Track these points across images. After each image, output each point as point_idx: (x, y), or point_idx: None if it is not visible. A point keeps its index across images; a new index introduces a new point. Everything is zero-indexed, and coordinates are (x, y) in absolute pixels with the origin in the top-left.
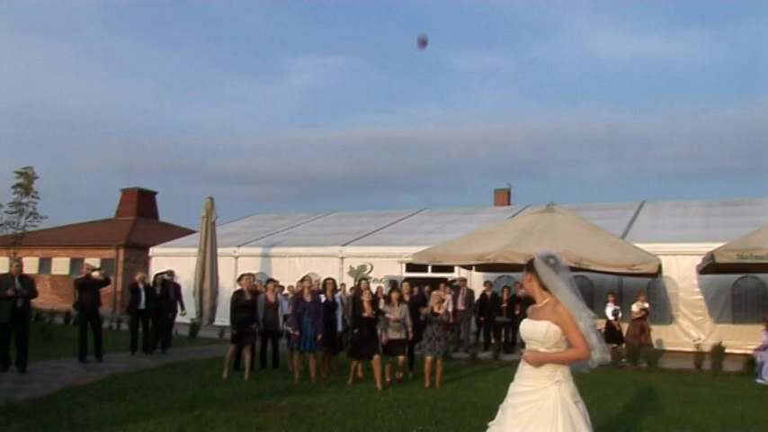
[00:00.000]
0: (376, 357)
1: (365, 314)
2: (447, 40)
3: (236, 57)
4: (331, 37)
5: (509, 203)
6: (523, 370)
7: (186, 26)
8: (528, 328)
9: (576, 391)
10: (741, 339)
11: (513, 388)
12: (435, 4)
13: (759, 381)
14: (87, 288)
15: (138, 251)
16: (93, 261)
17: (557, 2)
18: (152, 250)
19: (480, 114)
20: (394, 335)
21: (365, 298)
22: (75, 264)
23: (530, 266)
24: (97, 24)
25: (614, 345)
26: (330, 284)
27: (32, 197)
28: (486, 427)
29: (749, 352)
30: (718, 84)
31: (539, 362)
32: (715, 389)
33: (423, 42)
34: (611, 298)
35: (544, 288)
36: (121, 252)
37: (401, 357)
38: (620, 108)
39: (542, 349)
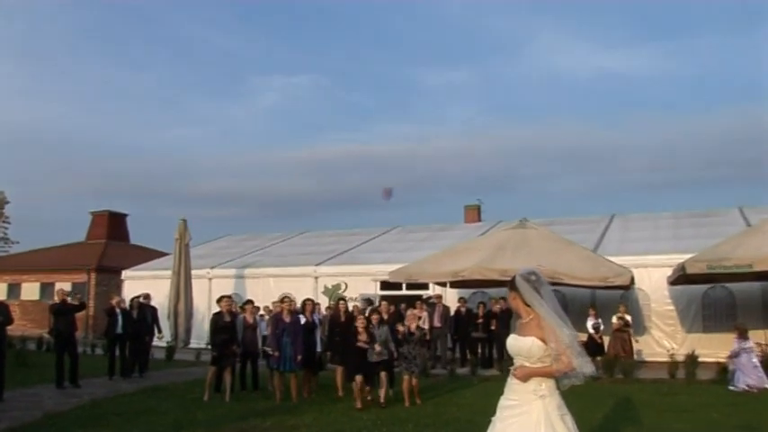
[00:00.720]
0: (359, 378)
1: (359, 342)
2: (412, 56)
3: (201, 77)
4: (297, 56)
5: (480, 219)
6: (511, 384)
7: (151, 47)
8: (513, 343)
9: (563, 405)
10: (712, 348)
11: (501, 401)
12: (400, 21)
13: (731, 387)
14: (62, 313)
15: (110, 274)
16: (64, 285)
17: (520, 18)
18: (124, 273)
19: (447, 130)
20: (379, 357)
21: (360, 324)
22: (46, 288)
23: (512, 285)
24: (62, 46)
25: (596, 357)
26: (309, 305)
27: (3, 222)
28: None
29: (721, 360)
30: (681, 96)
31: (526, 376)
32: (690, 397)
33: (387, 192)
34: (591, 312)
35: (528, 305)
36: (93, 276)
37: (383, 374)
38: (586, 122)
39: (527, 364)
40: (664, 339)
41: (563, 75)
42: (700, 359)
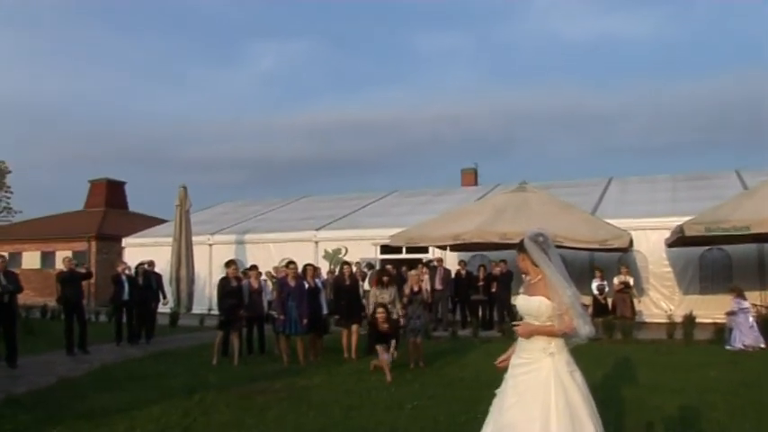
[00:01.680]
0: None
1: (382, 330)
2: (409, 21)
3: (196, 43)
4: (292, 21)
5: (476, 183)
6: (522, 343)
7: (145, 14)
8: (523, 303)
9: (572, 361)
10: (709, 309)
11: (513, 360)
12: None
13: (728, 347)
14: (70, 282)
15: (110, 242)
16: (65, 254)
17: None
18: (125, 241)
19: (444, 95)
20: (384, 325)
21: (381, 317)
22: (47, 257)
23: (521, 246)
24: (56, 15)
25: (601, 318)
26: (310, 270)
27: (5, 192)
28: (493, 394)
29: (718, 321)
30: (680, 59)
31: (528, 333)
32: (688, 356)
33: None
34: (597, 273)
35: (536, 265)
36: (93, 244)
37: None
38: (583, 85)
39: (536, 323)
40: (661, 301)
41: (561, 38)
42: (697, 320)
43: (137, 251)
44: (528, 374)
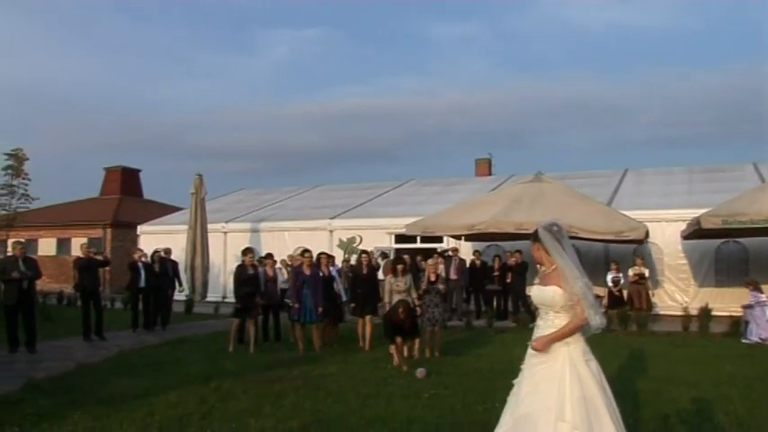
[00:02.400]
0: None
1: (400, 318)
2: (422, 9)
3: (210, 32)
4: (305, 9)
5: (490, 173)
6: (538, 334)
7: (160, 1)
8: (537, 293)
9: (588, 351)
10: (724, 302)
11: (529, 350)
12: None
13: (744, 340)
14: (88, 269)
15: (125, 230)
16: (80, 240)
17: None
18: (140, 228)
19: (458, 84)
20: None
21: (402, 313)
22: (62, 244)
23: (535, 236)
24: (71, 1)
25: (615, 310)
26: (324, 258)
27: (23, 179)
28: (510, 385)
29: (733, 314)
30: (696, 50)
31: (545, 345)
32: (704, 349)
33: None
34: (613, 266)
35: (549, 254)
36: (109, 231)
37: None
38: (598, 75)
39: (552, 313)
40: (676, 293)
41: (575, 28)
42: (712, 313)
43: (152, 239)
44: (543, 365)
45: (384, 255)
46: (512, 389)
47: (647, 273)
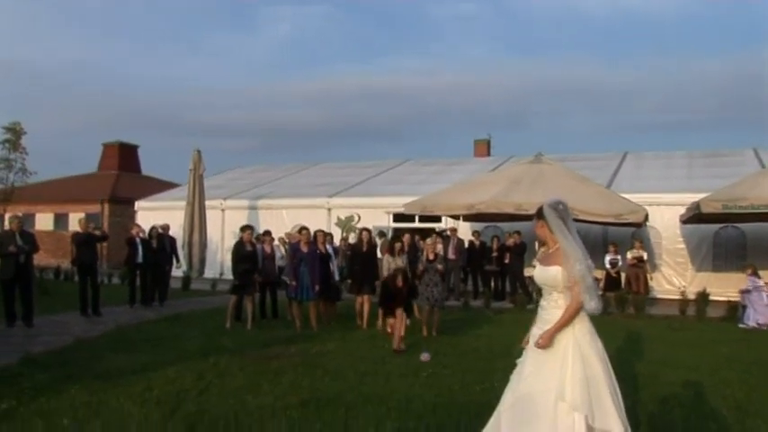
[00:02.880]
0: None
1: (397, 286)
2: None
3: (212, 8)
4: None
5: (489, 154)
6: (542, 314)
7: None
8: (540, 273)
9: (593, 330)
10: (721, 287)
11: (534, 330)
12: None
13: (742, 325)
14: (86, 244)
15: (123, 205)
16: (78, 216)
17: None
18: (138, 204)
19: (459, 65)
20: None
21: (400, 281)
22: (60, 219)
23: (539, 213)
24: None
25: (613, 293)
26: (321, 236)
27: (20, 153)
28: (510, 364)
29: (731, 298)
30: (696, 36)
31: (549, 340)
32: (701, 333)
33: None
34: (611, 248)
35: (553, 232)
36: (106, 206)
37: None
38: (600, 60)
39: (555, 293)
40: (674, 277)
41: (578, 10)
42: (709, 297)
43: (149, 215)
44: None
45: (381, 233)
46: (514, 368)
47: (645, 256)
